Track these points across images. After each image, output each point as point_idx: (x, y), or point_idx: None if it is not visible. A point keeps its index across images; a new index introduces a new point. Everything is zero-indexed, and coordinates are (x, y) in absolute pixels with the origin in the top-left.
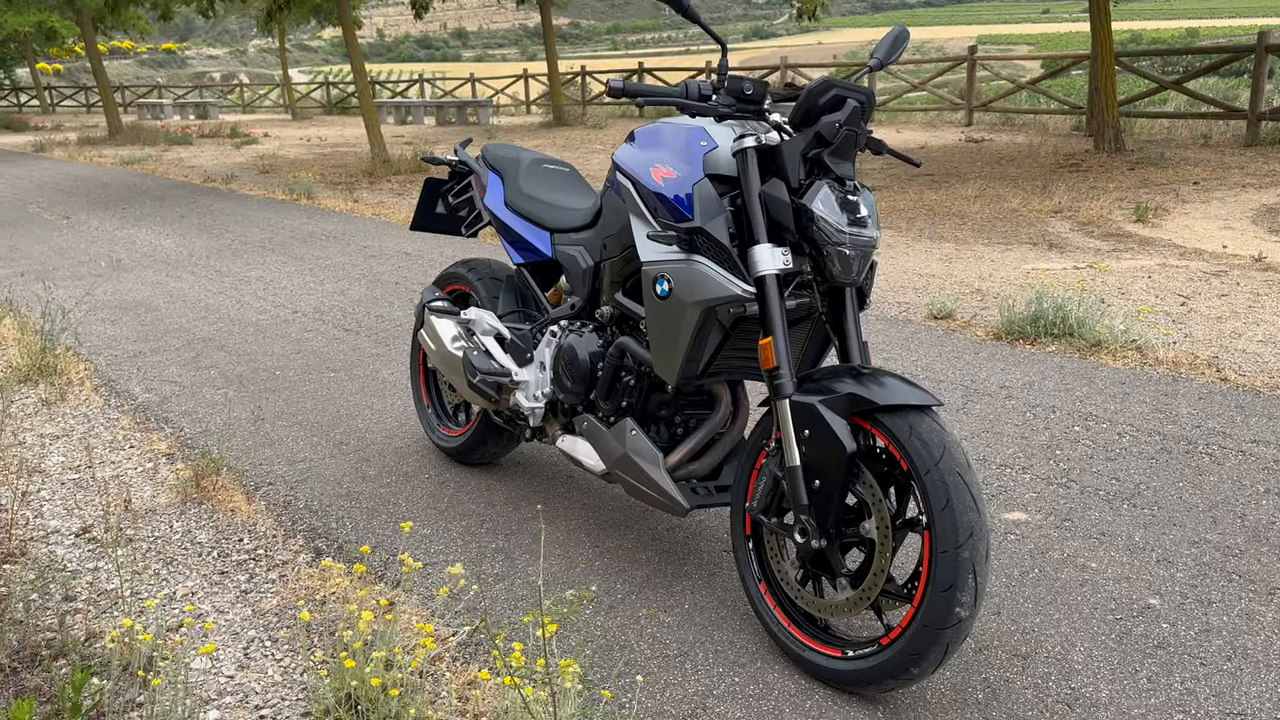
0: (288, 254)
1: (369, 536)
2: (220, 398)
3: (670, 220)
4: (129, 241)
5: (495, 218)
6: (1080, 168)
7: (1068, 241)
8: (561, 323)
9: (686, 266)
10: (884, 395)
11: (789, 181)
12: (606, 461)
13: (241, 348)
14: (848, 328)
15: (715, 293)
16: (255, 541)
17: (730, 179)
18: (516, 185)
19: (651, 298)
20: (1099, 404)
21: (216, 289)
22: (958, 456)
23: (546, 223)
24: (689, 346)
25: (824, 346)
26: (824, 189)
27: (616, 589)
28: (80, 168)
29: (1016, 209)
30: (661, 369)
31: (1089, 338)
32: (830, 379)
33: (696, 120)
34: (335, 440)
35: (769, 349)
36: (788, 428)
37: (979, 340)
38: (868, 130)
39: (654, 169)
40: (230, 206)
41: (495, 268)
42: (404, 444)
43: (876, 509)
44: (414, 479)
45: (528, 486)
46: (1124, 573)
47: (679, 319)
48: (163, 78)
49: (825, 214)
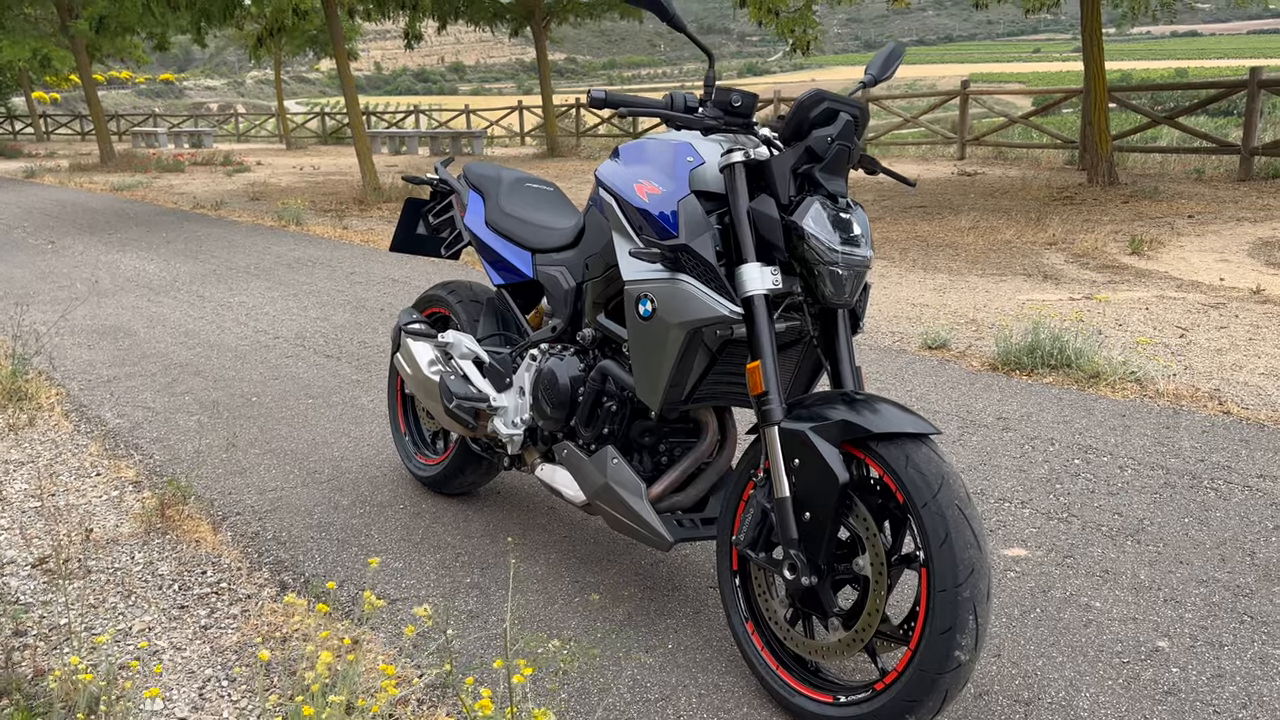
0: (272, 279)
1: (338, 570)
2: (193, 424)
3: (654, 237)
4: (112, 266)
5: (475, 237)
6: (1074, 200)
7: (1063, 273)
8: (542, 346)
9: (671, 285)
10: (879, 422)
11: (778, 198)
12: (586, 491)
13: (218, 373)
14: (840, 352)
15: (701, 313)
16: (219, 574)
17: (718, 196)
18: (498, 204)
19: (634, 318)
20: (1099, 436)
21: (197, 314)
22: (957, 489)
23: (528, 242)
24: (673, 370)
25: (815, 372)
26: (815, 205)
27: (596, 627)
28: (70, 193)
29: (1010, 240)
30: (644, 394)
31: (1087, 369)
32: (822, 405)
33: (683, 135)
34: (309, 469)
35: (757, 373)
36: (776, 456)
37: (975, 371)
38: (860, 147)
39: (638, 185)
40: (217, 232)
41: (476, 290)
42: (380, 473)
43: (871, 544)
44: (388, 509)
45: (506, 518)
46: (1130, 613)
47: (662, 341)
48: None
49: (816, 231)
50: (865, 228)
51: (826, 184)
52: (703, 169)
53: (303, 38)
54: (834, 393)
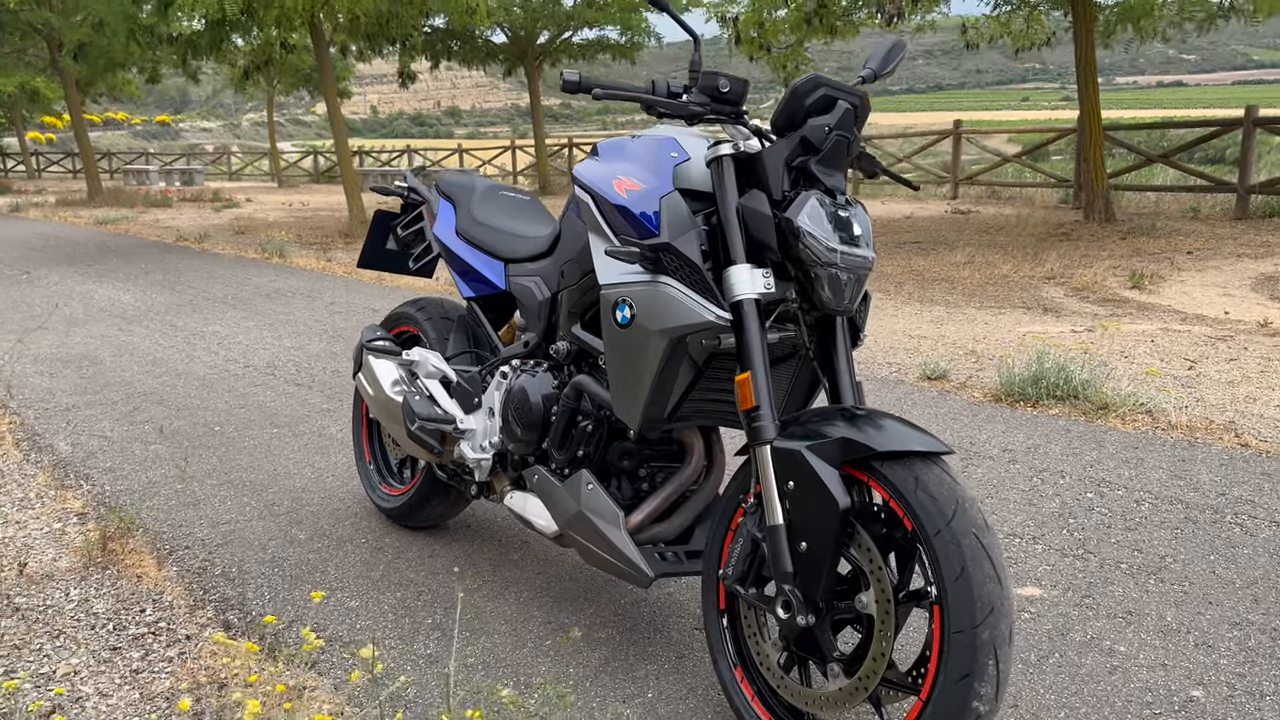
0: (249, 309)
1: (289, 608)
2: (150, 454)
3: (633, 237)
4: (87, 296)
5: (444, 247)
6: (1070, 237)
7: (1063, 306)
8: (513, 363)
9: (651, 289)
10: (883, 440)
11: (771, 193)
12: (558, 521)
13: (182, 402)
14: (839, 365)
15: (684, 319)
16: (158, 613)
17: (705, 195)
18: (469, 212)
19: (610, 326)
20: (1112, 469)
21: (167, 343)
22: (973, 515)
23: (500, 251)
24: (654, 384)
25: (812, 389)
26: (811, 201)
27: (569, 673)
28: (53, 227)
29: (1007, 275)
30: (622, 410)
31: (1095, 400)
32: (819, 422)
33: (668, 130)
34: (267, 501)
35: (747, 385)
36: (768, 479)
37: (976, 402)
38: (860, 143)
39: (617, 181)
40: (198, 264)
41: (447, 307)
42: (342, 505)
43: (875, 579)
44: (348, 544)
45: (476, 553)
46: (1158, 658)
47: (642, 351)
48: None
49: (812, 229)
50: (866, 227)
51: (824, 178)
52: (688, 165)
53: (295, 76)
54: (832, 408)
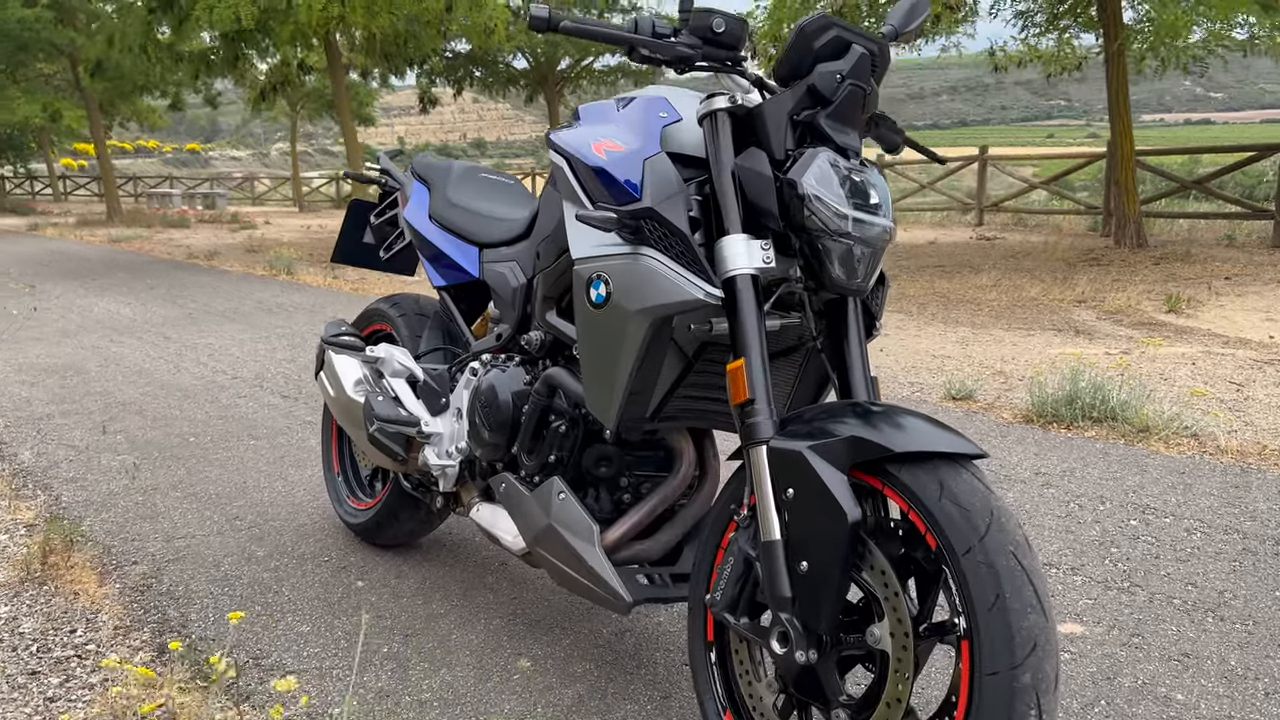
0: (247, 323)
1: (232, 631)
2: (116, 465)
3: (610, 200)
4: (86, 309)
5: (414, 232)
6: (1101, 262)
7: (1096, 329)
8: (483, 358)
9: (631, 262)
10: (901, 440)
11: (772, 152)
12: (526, 536)
13: (161, 412)
14: (850, 357)
15: (668, 297)
16: (90, 634)
17: (699, 162)
18: (443, 195)
19: (584, 307)
20: (1156, 495)
21: (157, 354)
22: (1011, 531)
23: (474, 235)
24: (633, 375)
25: (820, 387)
26: (819, 160)
27: (537, 713)
28: (68, 244)
29: (1036, 298)
30: (596, 405)
31: (1134, 422)
32: (825, 419)
33: (660, 90)
34: (230, 514)
35: (740, 375)
36: (765, 486)
37: (1006, 423)
38: (878, 105)
39: (596, 143)
40: (205, 280)
41: (423, 303)
42: (310, 520)
43: (891, 607)
44: (309, 562)
45: (448, 574)
46: (1224, 709)
47: (619, 335)
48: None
49: (820, 192)
50: (885, 193)
51: (834, 134)
52: (679, 127)
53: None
54: (842, 403)
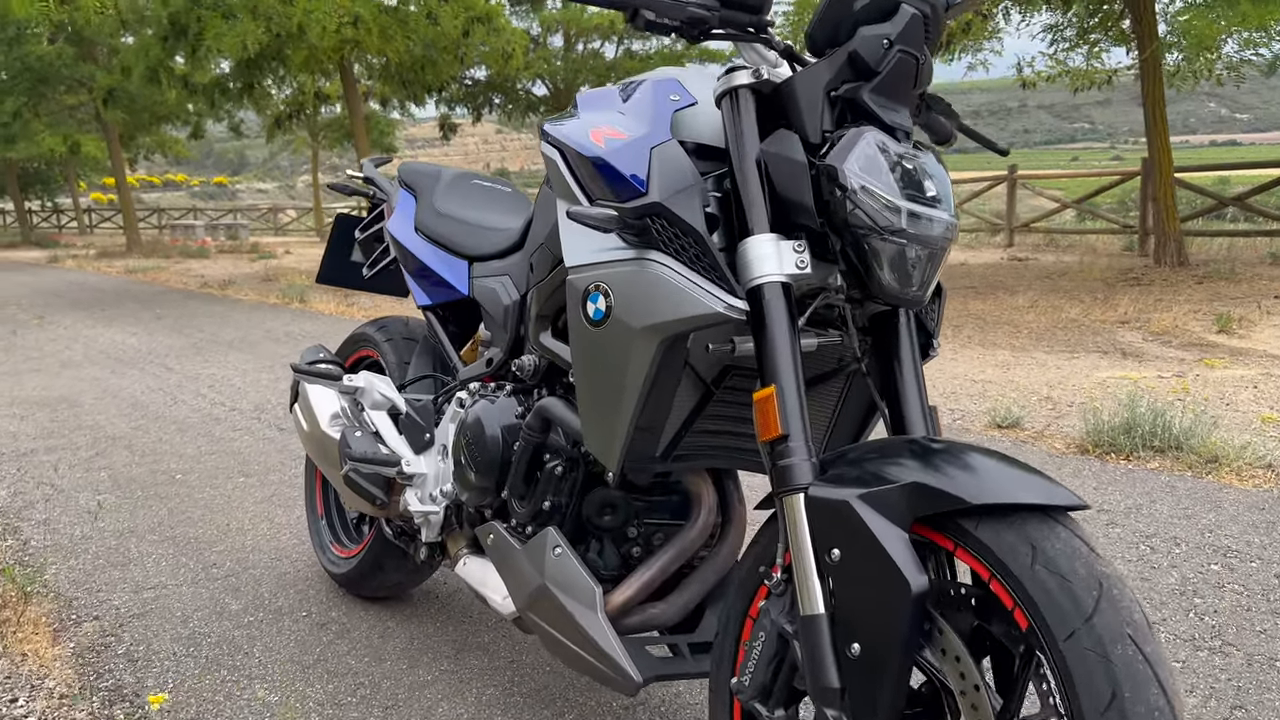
0: (254, 352)
1: (190, 701)
2: (95, 505)
3: (611, 197)
4: (91, 340)
5: (398, 245)
6: (1141, 282)
7: (1144, 351)
8: (471, 386)
9: (636, 270)
10: (977, 487)
11: (805, 134)
12: (517, 598)
13: (151, 447)
14: (903, 381)
15: (681, 310)
16: (30, 703)
17: (715, 153)
18: (431, 204)
19: (579, 324)
20: (1237, 535)
21: (156, 385)
22: (1127, 608)
23: (463, 247)
24: (639, 405)
25: (865, 419)
26: (865, 141)
27: None
28: (84, 275)
29: (1076, 319)
30: (595, 443)
31: (1201, 451)
32: (877, 459)
33: (671, 71)
34: (207, 561)
35: (769, 405)
36: (804, 545)
37: (1059, 453)
38: (935, 97)
39: (594, 130)
40: (217, 309)
41: (412, 326)
42: (292, 568)
43: (969, 703)
44: (287, 617)
45: (438, 632)
46: None
47: (622, 357)
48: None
49: (867, 180)
50: (944, 182)
51: (881, 112)
52: (693, 113)
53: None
54: (896, 440)
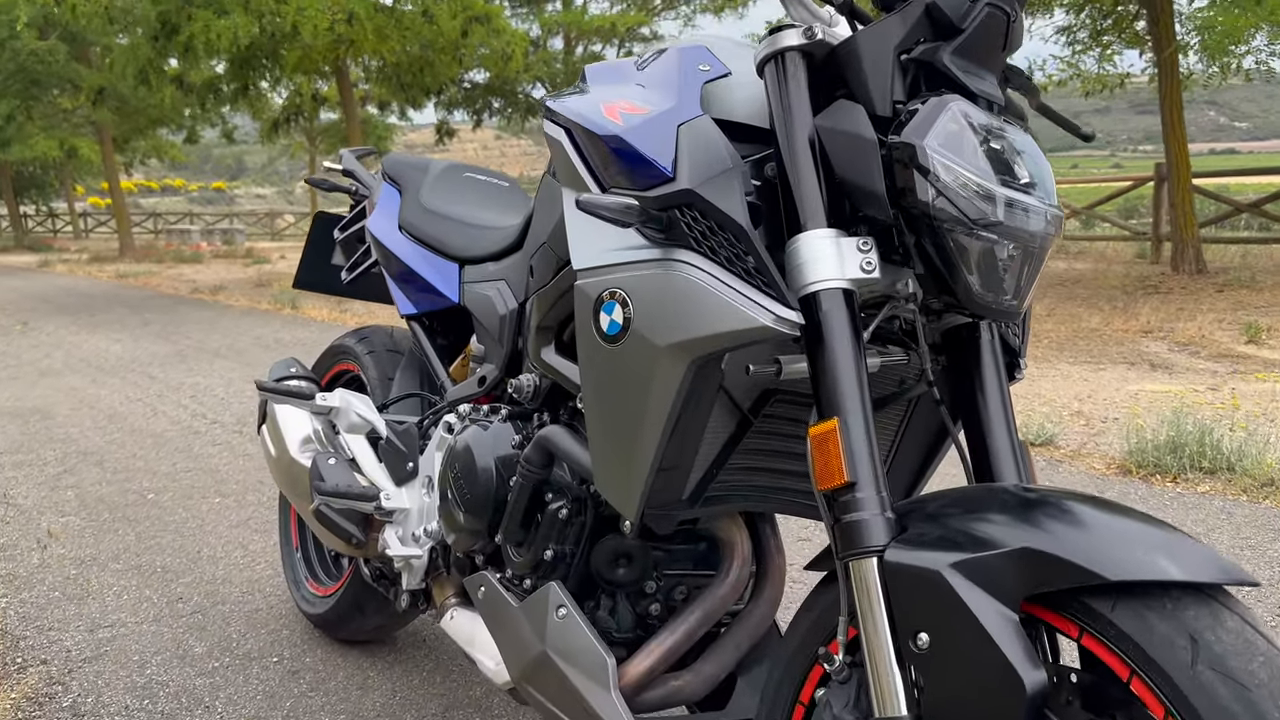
0: (240, 360)
1: None
2: (58, 528)
3: (629, 184)
4: (74, 346)
5: (379, 246)
6: (1160, 290)
7: (1173, 362)
8: (461, 409)
9: (661, 274)
10: (1110, 555)
11: (872, 105)
12: (512, 666)
13: (124, 464)
14: (987, 410)
15: (717, 323)
16: None
17: (756, 134)
18: (417, 199)
19: (591, 339)
20: None
21: (136, 395)
22: None
23: (453, 249)
24: (663, 440)
25: (930, 457)
26: (949, 111)
27: None
28: (74, 280)
29: (1097, 328)
30: (609, 486)
31: (1256, 474)
32: (969, 513)
33: (700, 39)
34: (173, 594)
35: (831, 445)
36: (879, 624)
37: (1099, 474)
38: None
39: (608, 106)
40: (206, 315)
41: (398, 337)
42: (265, 604)
43: None
44: (256, 663)
45: (425, 683)
46: None
47: (642, 381)
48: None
49: (952, 160)
50: (1042, 163)
51: (965, 78)
52: (726, 85)
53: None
54: (986, 488)
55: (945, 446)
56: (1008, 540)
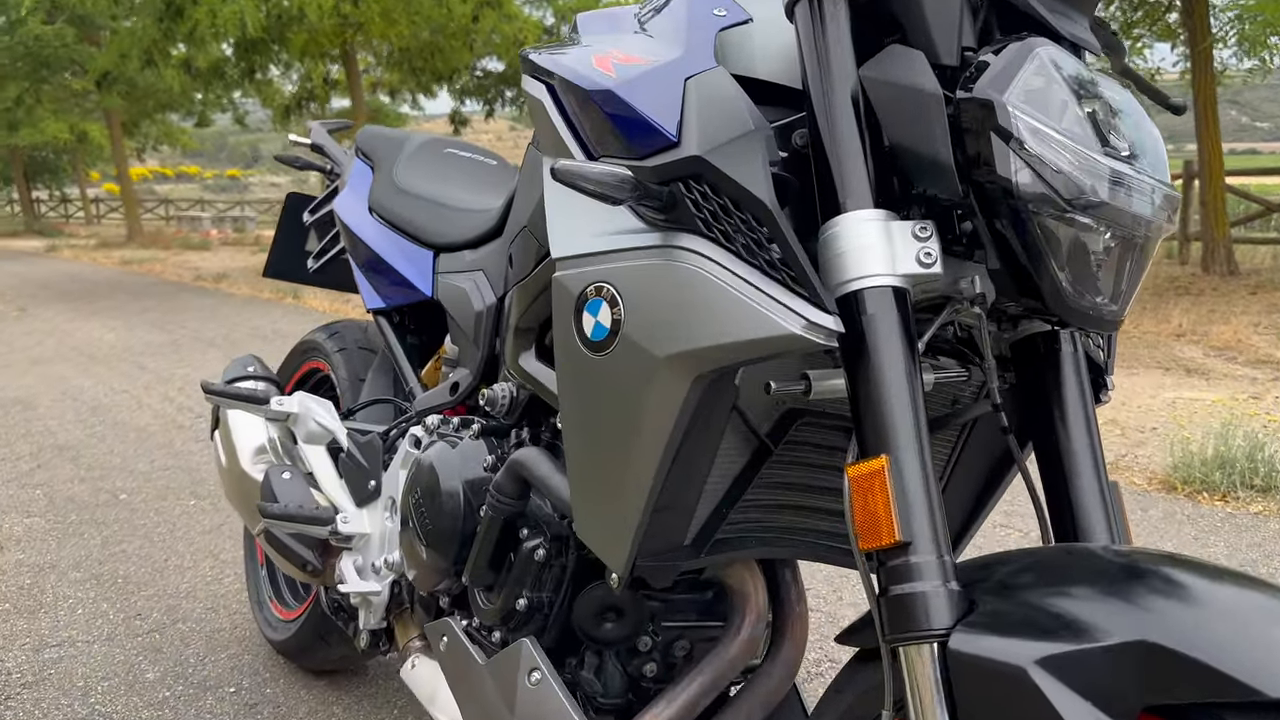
0: (234, 352)
1: None
2: (20, 531)
3: (622, 151)
4: (68, 334)
5: (346, 230)
6: (1191, 291)
7: (1209, 368)
8: (429, 420)
9: (661, 265)
10: (1263, 662)
11: (934, 51)
12: None
13: (101, 460)
14: (1068, 443)
15: (735, 330)
16: None
17: (778, 94)
18: (390, 177)
19: (571, 346)
20: None
21: (123, 386)
22: None
23: (428, 234)
24: (662, 476)
25: (988, 490)
26: (1036, 59)
27: None
28: (79, 266)
29: (1128, 331)
30: (592, 531)
31: None
32: (1057, 586)
33: None
34: (133, 609)
35: (878, 491)
36: None
37: (1140, 490)
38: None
39: (599, 57)
40: (206, 303)
41: (371, 333)
42: (229, 623)
43: None
44: (211, 693)
45: (399, 718)
46: None
47: (636, 402)
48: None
49: (1044, 121)
50: (1150, 131)
51: (1053, 19)
52: (744, 34)
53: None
54: (1084, 552)
55: (1003, 484)
56: (1116, 629)
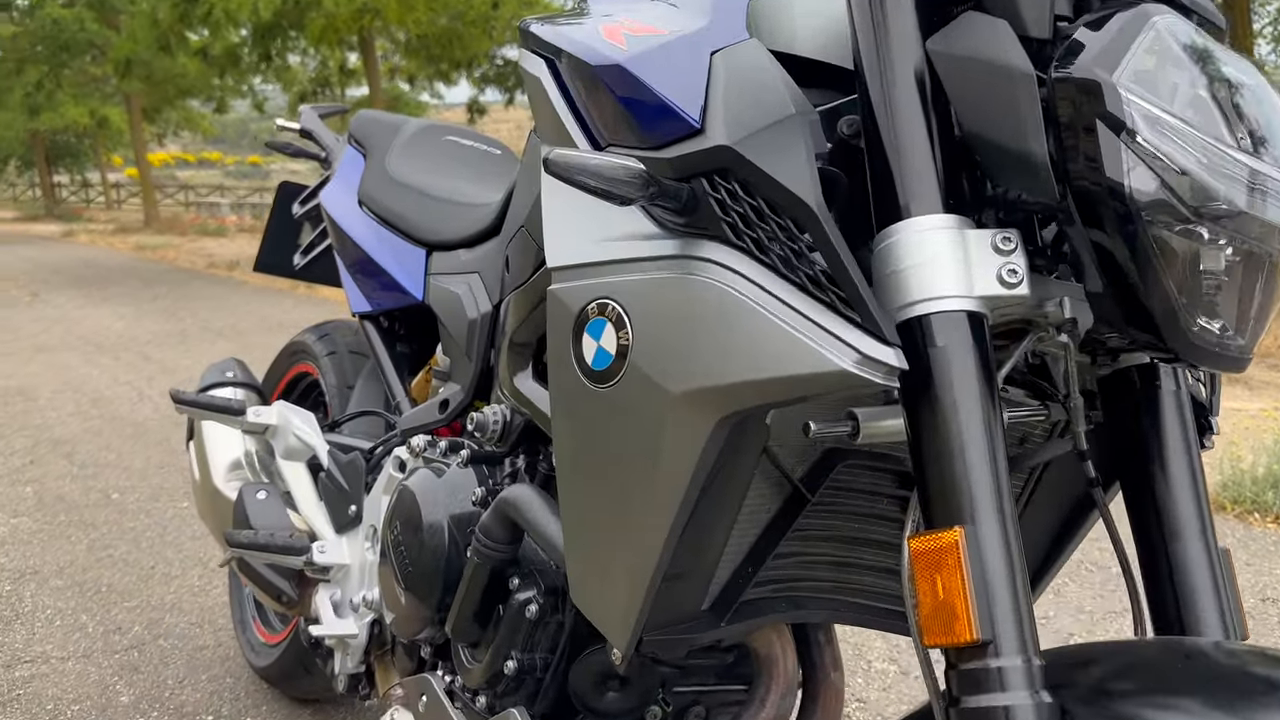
0: (242, 342)
1: None
2: (6, 531)
3: (634, 139)
4: (76, 321)
5: (333, 224)
6: None
7: (1249, 376)
8: (415, 441)
9: (678, 279)
10: None
11: (1021, 20)
12: None
13: (96, 456)
14: (1171, 495)
15: (771, 364)
16: None
17: (827, 74)
18: (382, 166)
19: (568, 373)
20: None
21: (127, 378)
22: None
23: (421, 230)
24: (675, 536)
25: (1059, 546)
26: (1151, 30)
27: None
28: (94, 251)
29: None
30: (589, 600)
31: None
32: (1170, 695)
33: None
34: (113, 623)
35: (951, 571)
36: None
37: None
38: None
39: (608, 27)
40: (217, 292)
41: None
42: (213, 640)
43: None
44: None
45: None
46: None
47: (646, 445)
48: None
49: (1165, 109)
50: (1275, 110)
51: None
52: (781, 5)
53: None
54: (1201, 652)
55: (1078, 537)
56: None
